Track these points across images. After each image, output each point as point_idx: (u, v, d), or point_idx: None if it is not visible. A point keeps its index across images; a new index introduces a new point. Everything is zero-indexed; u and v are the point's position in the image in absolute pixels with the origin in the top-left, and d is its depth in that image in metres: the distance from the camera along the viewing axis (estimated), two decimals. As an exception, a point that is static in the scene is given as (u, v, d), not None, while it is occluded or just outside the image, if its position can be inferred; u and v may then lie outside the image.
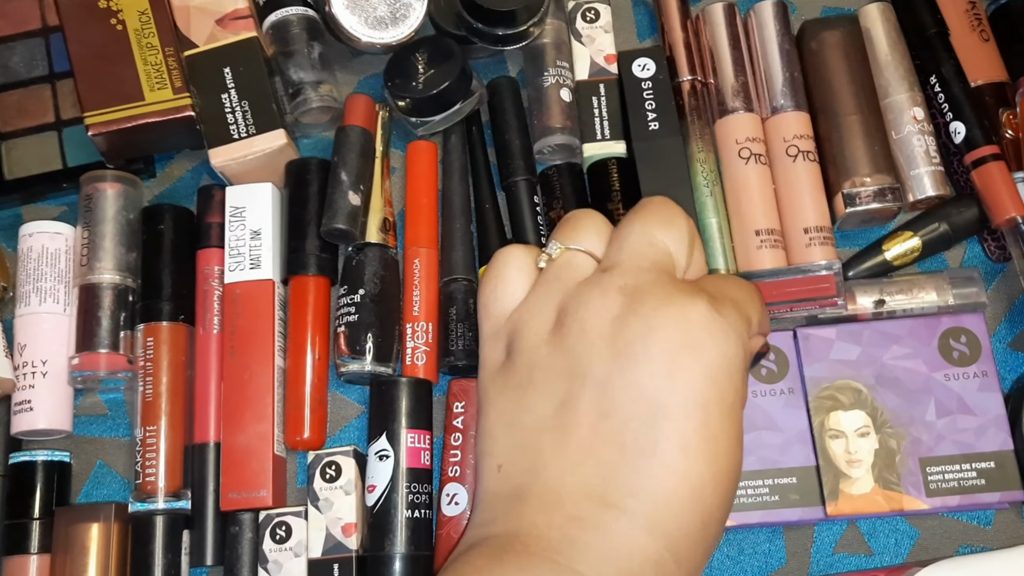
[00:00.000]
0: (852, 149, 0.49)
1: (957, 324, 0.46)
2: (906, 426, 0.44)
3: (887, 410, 0.44)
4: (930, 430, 0.44)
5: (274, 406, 0.47)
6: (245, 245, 0.50)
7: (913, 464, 0.43)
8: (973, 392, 0.44)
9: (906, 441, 0.44)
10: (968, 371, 0.45)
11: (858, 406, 0.45)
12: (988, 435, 0.43)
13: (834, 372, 0.45)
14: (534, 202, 0.51)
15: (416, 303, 0.49)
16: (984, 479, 0.43)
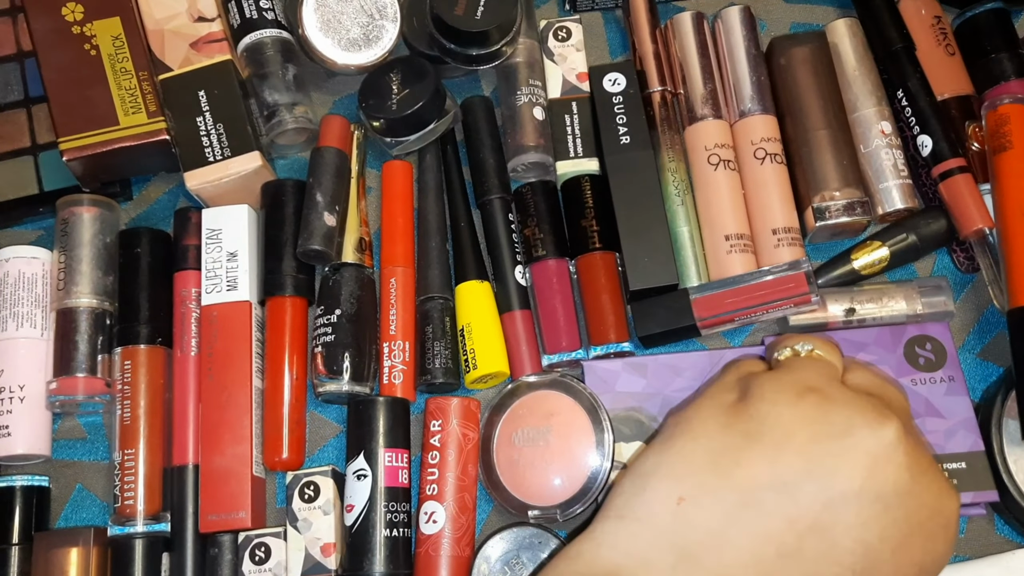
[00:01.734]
0: (821, 163, 0.50)
1: (922, 332, 0.46)
2: None
3: None
4: None
5: (252, 427, 0.48)
6: (222, 267, 0.50)
7: None
8: (940, 396, 0.45)
9: None
10: (935, 376, 0.45)
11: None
12: (958, 437, 0.44)
13: None
14: (509, 220, 0.51)
15: (393, 322, 0.49)
16: (956, 479, 0.43)
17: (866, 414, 0.29)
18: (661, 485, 0.30)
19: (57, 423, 0.51)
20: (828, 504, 0.27)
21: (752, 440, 0.30)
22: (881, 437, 0.29)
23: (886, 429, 0.29)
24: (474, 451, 0.47)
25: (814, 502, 0.28)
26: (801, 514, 0.27)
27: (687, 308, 0.47)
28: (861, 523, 0.27)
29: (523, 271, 0.50)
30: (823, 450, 0.28)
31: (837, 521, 0.27)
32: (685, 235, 0.50)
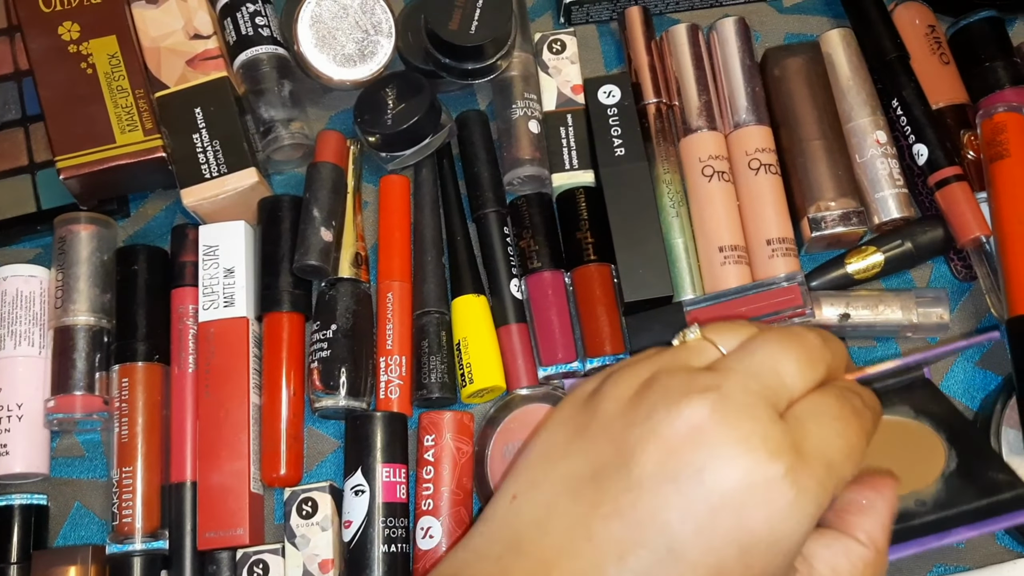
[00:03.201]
0: (817, 174, 0.50)
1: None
2: None
3: None
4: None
5: (250, 443, 0.48)
6: (219, 283, 0.50)
7: None
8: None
9: None
10: None
11: None
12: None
13: None
14: (504, 233, 0.51)
15: (389, 337, 0.49)
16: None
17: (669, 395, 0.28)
18: (505, 485, 0.31)
19: (55, 441, 0.51)
20: (628, 489, 0.27)
21: (580, 433, 0.30)
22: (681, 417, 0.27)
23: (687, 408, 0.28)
24: (468, 465, 0.47)
25: (618, 489, 0.27)
26: (605, 500, 0.28)
27: (682, 322, 0.47)
28: (660, 505, 0.27)
29: (519, 284, 0.50)
30: (628, 437, 0.28)
31: (637, 505, 0.27)
32: (680, 247, 0.50)
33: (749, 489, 0.26)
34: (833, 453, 0.28)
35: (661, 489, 0.27)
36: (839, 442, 0.28)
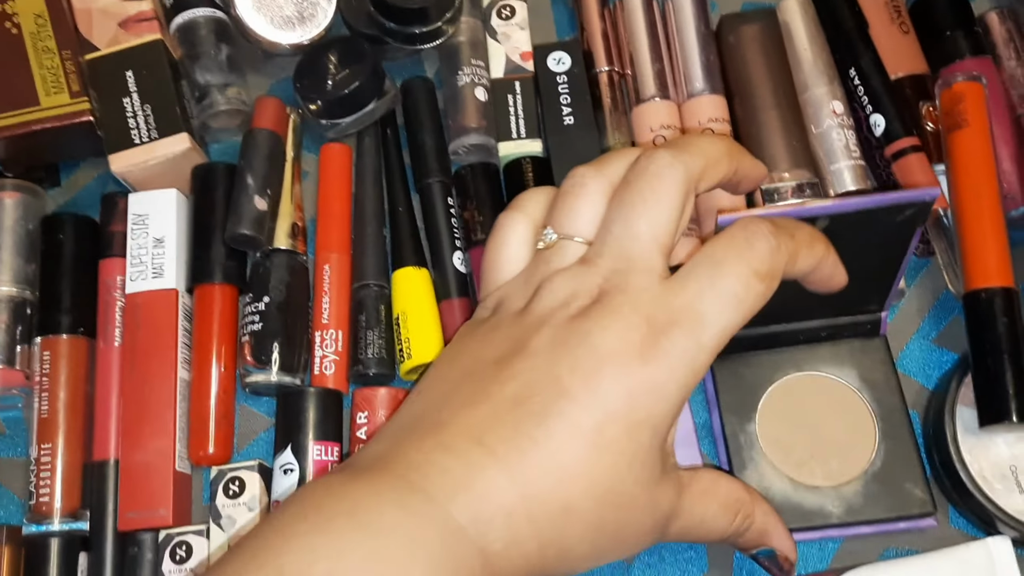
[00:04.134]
0: (771, 144, 0.48)
1: None
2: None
3: None
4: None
5: (176, 421, 0.45)
6: (148, 254, 0.48)
7: None
8: None
9: None
10: None
11: None
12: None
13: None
14: (448, 204, 0.49)
15: (325, 310, 0.47)
16: None
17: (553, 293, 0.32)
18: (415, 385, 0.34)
19: (-25, 418, 0.48)
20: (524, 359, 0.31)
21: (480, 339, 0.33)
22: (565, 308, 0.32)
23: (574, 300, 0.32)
24: (398, 441, 0.45)
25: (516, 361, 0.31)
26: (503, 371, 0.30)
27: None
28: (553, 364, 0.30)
29: (462, 257, 0.48)
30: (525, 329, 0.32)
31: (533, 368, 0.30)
32: (630, 219, 0.48)
33: (628, 346, 0.30)
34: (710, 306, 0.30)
35: (553, 353, 0.30)
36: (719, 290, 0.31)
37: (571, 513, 0.29)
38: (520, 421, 0.29)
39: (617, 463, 0.29)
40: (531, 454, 0.28)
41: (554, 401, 0.29)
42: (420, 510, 0.27)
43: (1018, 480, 0.42)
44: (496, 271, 0.36)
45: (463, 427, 0.29)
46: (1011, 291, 0.42)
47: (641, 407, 0.30)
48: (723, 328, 0.31)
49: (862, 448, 0.43)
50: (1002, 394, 0.41)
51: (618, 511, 0.30)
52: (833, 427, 0.43)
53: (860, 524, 0.42)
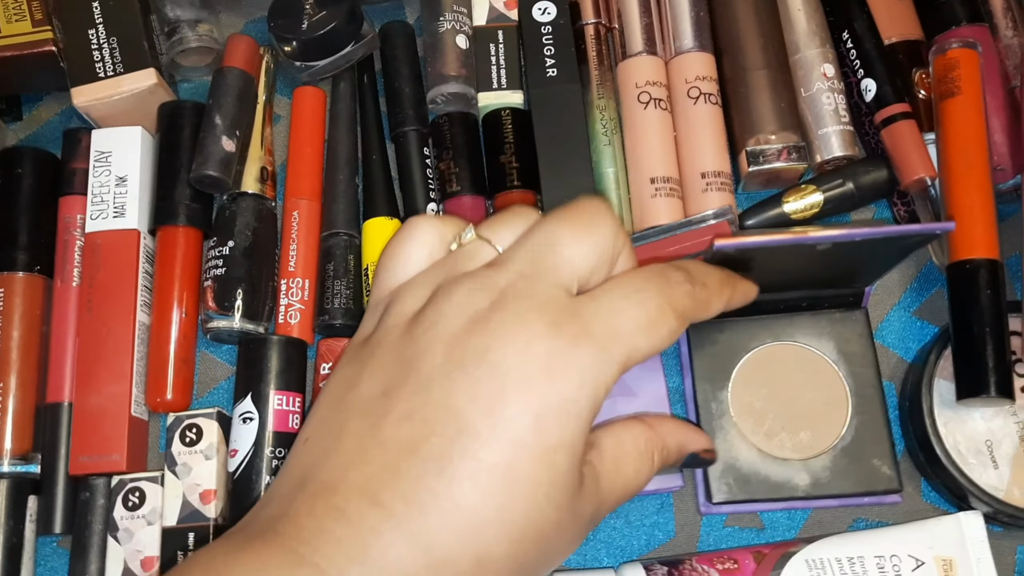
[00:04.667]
0: (758, 105, 0.46)
1: None
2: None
3: None
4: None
5: (133, 365, 0.44)
6: (109, 192, 0.46)
7: None
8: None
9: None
10: None
11: None
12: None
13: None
14: (424, 154, 0.48)
15: (293, 258, 0.46)
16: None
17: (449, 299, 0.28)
18: (300, 431, 0.30)
19: (-75, 355, 0.47)
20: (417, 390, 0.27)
21: (366, 364, 0.29)
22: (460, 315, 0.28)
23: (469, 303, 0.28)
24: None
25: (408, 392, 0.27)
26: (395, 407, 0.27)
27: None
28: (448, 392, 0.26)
29: (437, 209, 0.47)
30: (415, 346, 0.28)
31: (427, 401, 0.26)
32: (611, 176, 0.46)
33: (533, 360, 0.26)
34: (621, 321, 0.28)
35: (448, 378, 0.27)
36: (632, 311, 0.28)
37: (486, 564, 0.26)
38: (418, 472, 0.25)
39: (533, 496, 0.26)
40: (433, 509, 0.25)
41: (454, 441, 0.26)
42: None
43: (993, 456, 0.41)
44: (392, 270, 0.32)
45: (356, 486, 0.26)
46: (996, 263, 0.41)
47: (552, 431, 0.26)
48: (634, 348, 0.28)
49: (834, 422, 0.42)
50: (981, 367, 0.40)
51: (539, 544, 0.27)
52: (806, 399, 0.42)
53: (826, 498, 0.41)
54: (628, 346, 0.28)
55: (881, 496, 0.41)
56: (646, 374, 0.43)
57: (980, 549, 0.40)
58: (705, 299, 0.31)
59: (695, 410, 0.42)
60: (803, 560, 0.39)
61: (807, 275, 0.40)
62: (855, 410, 0.42)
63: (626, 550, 0.43)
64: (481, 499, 0.25)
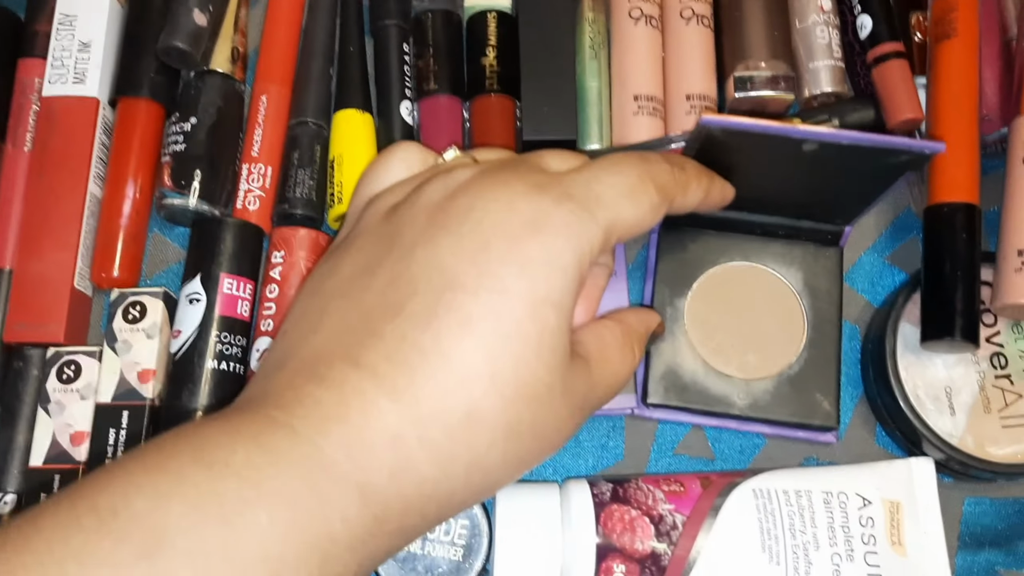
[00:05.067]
0: (751, 31, 0.45)
1: None
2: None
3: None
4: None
5: (80, 236, 0.42)
6: (71, 57, 0.44)
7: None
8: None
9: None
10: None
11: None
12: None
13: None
14: (403, 51, 0.46)
15: (257, 143, 0.44)
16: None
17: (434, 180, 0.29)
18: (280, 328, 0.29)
19: None
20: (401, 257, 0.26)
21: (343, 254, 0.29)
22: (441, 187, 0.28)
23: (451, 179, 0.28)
24: (309, 272, 0.42)
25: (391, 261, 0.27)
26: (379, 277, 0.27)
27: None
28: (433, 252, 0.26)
29: (411, 108, 0.45)
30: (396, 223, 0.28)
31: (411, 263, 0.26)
32: (594, 91, 0.45)
33: (516, 215, 0.26)
34: (603, 188, 0.28)
35: (432, 240, 0.26)
36: (612, 179, 0.28)
37: (476, 420, 0.25)
38: (403, 331, 0.25)
39: (523, 351, 0.25)
40: (419, 364, 0.25)
41: (439, 296, 0.25)
42: (279, 447, 0.23)
43: (951, 402, 0.40)
44: (374, 181, 0.31)
45: (337, 352, 0.25)
46: (974, 208, 0.41)
47: (540, 282, 0.26)
48: (617, 215, 0.27)
49: (785, 350, 0.41)
50: (949, 310, 0.39)
51: (532, 405, 0.26)
52: (762, 323, 0.41)
53: (761, 422, 0.40)
54: (611, 211, 0.27)
55: (817, 432, 0.41)
56: (611, 294, 0.42)
57: (928, 495, 0.39)
58: (684, 181, 0.31)
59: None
60: (750, 489, 0.38)
61: (788, 193, 0.39)
62: (809, 343, 0.41)
63: (573, 470, 0.42)
64: (469, 351, 0.25)
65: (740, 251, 0.42)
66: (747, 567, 0.37)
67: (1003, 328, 0.41)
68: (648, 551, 0.37)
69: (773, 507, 0.38)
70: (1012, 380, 0.41)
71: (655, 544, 0.37)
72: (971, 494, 0.42)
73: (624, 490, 0.38)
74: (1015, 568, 0.41)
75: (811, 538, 0.37)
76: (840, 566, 0.37)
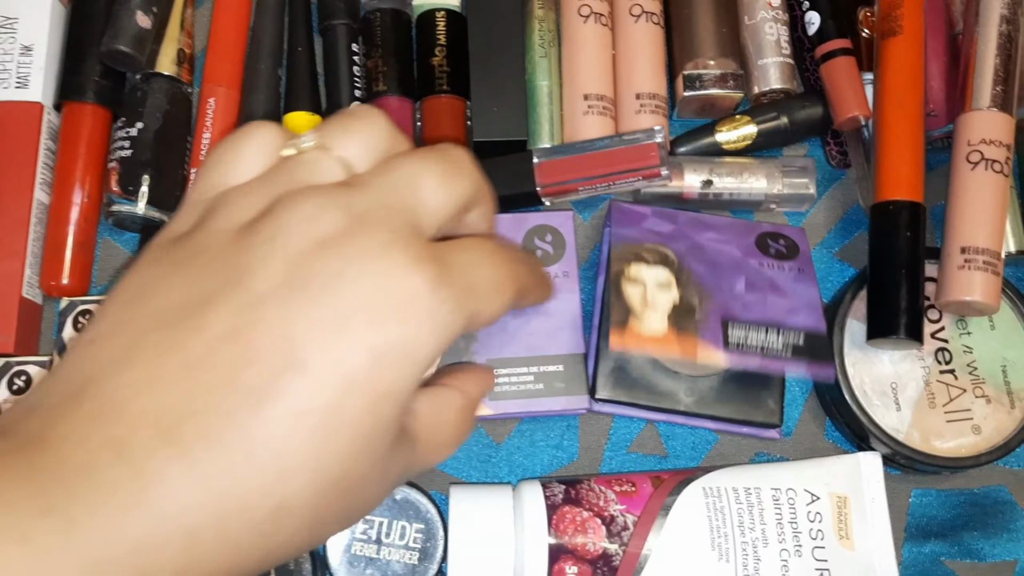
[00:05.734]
0: (700, 29, 0.45)
1: (777, 231, 0.43)
2: (712, 291, 0.41)
3: (693, 274, 0.41)
4: (737, 299, 0.40)
5: (27, 244, 0.42)
6: (13, 61, 0.43)
7: (714, 322, 0.40)
8: (789, 281, 0.41)
9: (709, 302, 0.40)
10: (784, 264, 0.42)
11: (664, 264, 0.41)
12: (800, 316, 0.40)
13: (644, 236, 0.42)
14: (352, 51, 0.46)
15: (205, 146, 0.44)
16: (790, 351, 0.39)
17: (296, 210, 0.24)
18: (84, 332, 0.24)
19: None
20: (248, 306, 0.23)
21: (180, 266, 0.24)
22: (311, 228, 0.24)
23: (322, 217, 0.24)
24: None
25: (234, 308, 0.23)
26: (215, 322, 0.23)
27: (529, 171, 0.43)
28: (285, 317, 0.23)
29: (361, 109, 0.45)
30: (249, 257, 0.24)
31: (257, 323, 0.23)
32: (544, 90, 0.45)
33: (387, 294, 0.23)
34: (478, 279, 0.26)
35: (286, 300, 0.23)
36: (488, 272, 0.26)
37: (284, 514, 0.23)
38: (230, 406, 0.22)
39: (351, 446, 0.23)
40: (238, 452, 0.22)
41: (279, 375, 0.22)
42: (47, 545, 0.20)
43: (897, 398, 0.41)
44: (222, 167, 0.27)
45: (148, 415, 0.22)
46: (918, 206, 0.41)
47: (388, 374, 0.23)
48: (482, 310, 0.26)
49: None
50: (894, 309, 0.40)
51: (346, 496, 0.24)
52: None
53: (707, 418, 0.41)
54: (480, 304, 0.26)
55: (760, 428, 0.41)
56: (563, 294, 0.42)
57: (875, 489, 0.40)
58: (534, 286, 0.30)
59: (600, 308, 0.42)
60: (700, 488, 0.39)
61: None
62: None
63: (528, 470, 0.42)
64: (296, 444, 0.22)
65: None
66: (697, 565, 0.37)
67: (948, 324, 0.42)
68: (600, 552, 0.37)
69: (722, 505, 0.38)
70: (956, 375, 0.41)
71: (607, 545, 0.37)
72: (917, 486, 0.43)
73: (576, 491, 0.38)
74: (960, 559, 0.42)
75: (760, 535, 0.38)
76: (788, 562, 0.38)
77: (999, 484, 0.43)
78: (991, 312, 0.41)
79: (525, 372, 0.41)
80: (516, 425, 0.43)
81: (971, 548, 0.42)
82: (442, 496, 0.42)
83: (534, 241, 0.43)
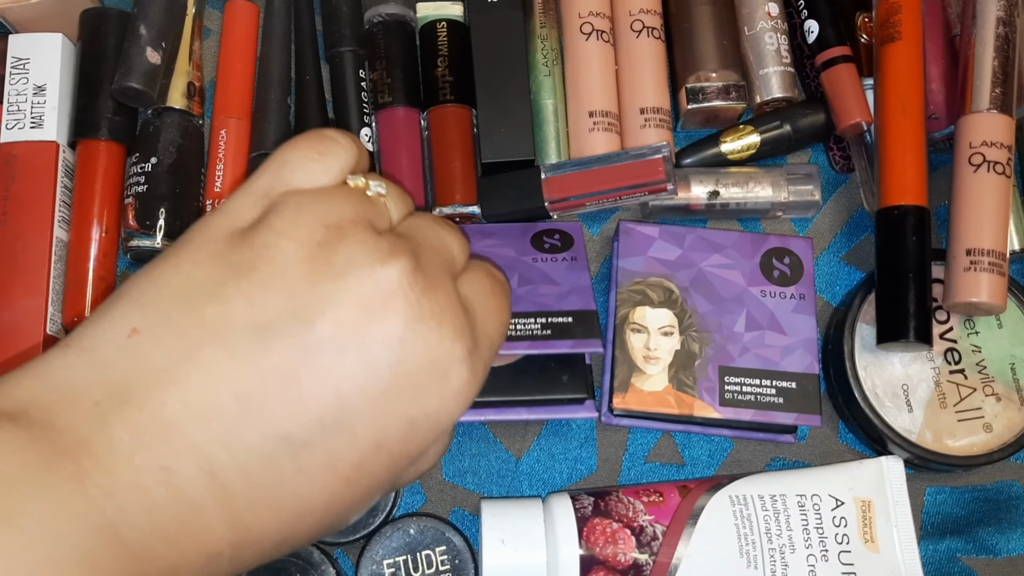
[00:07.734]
0: (701, 42, 0.46)
1: (783, 245, 0.44)
2: (712, 333, 0.42)
3: (696, 314, 0.42)
4: (735, 341, 0.42)
5: (49, 281, 0.43)
6: (27, 101, 0.44)
7: (712, 371, 0.41)
8: (787, 312, 0.42)
9: (709, 348, 0.42)
10: (786, 291, 0.43)
11: (667, 305, 0.42)
12: (794, 356, 0.41)
13: (649, 268, 0.43)
14: (359, 76, 0.46)
15: (219, 178, 0.44)
16: (782, 398, 0.41)
17: (371, 252, 0.25)
18: (119, 312, 0.24)
19: None
20: (303, 350, 0.23)
21: (240, 274, 0.24)
22: (379, 279, 0.24)
23: (388, 269, 0.25)
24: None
25: (288, 347, 0.23)
26: (270, 360, 0.23)
27: (538, 187, 0.43)
28: (337, 371, 0.24)
29: (370, 134, 0.46)
30: (313, 292, 0.24)
31: (310, 367, 0.23)
32: (549, 109, 0.46)
33: (434, 365, 0.25)
34: (494, 333, 0.28)
35: (347, 354, 0.24)
36: (499, 319, 0.29)
37: (287, 547, 0.26)
38: (271, 450, 0.24)
39: (362, 495, 0.26)
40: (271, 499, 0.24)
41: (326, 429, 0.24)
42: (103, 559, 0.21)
43: (908, 400, 0.42)
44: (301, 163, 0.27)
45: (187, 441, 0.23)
46: (923, 210, 0.42)
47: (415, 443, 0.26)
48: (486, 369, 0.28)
49: None
50: (902, 313, 0.41)
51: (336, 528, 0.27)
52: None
53: (724, 426, 0.42)
54: (494, 355, 0.29)
55: (776, 434, 0.42)
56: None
57: (899, 492, 0.41)
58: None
59: (613, 321, 0.43)
60: (727, 496, 0.40)
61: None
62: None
63: (548, 483, 0.43)
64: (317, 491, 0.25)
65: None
66: (726, 573, 0.38)
67: (956, 324, 0.43)
68: (630, 562, 0.38)
69: (749, 512, 0.39)
70: (966, 375, 0.42)
71: (637, 555, 0.38)
72: (931, 484, 0.43)
73: (605, 503, 0.39)
74: (975, 555, 0.42)
75: (787, 541, 0.39)
76: (816, 567, 0.39)
77: (1011, 479, 0.43)
78: (998, 312, 0.41)
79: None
80: (535, 439, 0.43)
81: (986, 544, 0.43)
82: (465, 512, 0.42)
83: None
